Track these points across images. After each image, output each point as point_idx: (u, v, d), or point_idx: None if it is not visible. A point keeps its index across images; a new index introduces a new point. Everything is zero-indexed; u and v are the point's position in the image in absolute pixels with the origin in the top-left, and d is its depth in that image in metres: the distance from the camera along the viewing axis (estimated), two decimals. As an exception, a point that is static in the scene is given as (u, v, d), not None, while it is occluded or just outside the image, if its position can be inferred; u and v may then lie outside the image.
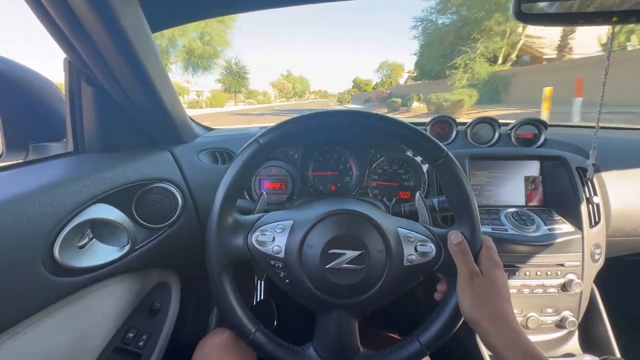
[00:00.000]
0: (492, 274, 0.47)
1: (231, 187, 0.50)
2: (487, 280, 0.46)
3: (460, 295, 0.47)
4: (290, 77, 75.58)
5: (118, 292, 0.63)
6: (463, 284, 0.47)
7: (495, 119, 1.00)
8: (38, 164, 0.62)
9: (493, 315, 0.44)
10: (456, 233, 0.49)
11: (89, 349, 0.58)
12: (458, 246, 0.48)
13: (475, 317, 0.45)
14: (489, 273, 0.47)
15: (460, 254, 0.47)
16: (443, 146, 0.49)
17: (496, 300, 0.45)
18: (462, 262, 0.47)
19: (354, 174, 0.90)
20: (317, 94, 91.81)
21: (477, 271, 0.47)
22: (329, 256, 0.47)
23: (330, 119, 0.51)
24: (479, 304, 0.45)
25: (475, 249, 0.49)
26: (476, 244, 0.49)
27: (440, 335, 0.48)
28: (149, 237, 0.66)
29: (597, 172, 0.86)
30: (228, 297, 0.50)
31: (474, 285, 0.46)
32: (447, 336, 0.48)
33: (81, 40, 0.54)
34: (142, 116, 0.72)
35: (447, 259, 0.49)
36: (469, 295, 0.46)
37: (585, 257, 0.80)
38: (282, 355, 0.49)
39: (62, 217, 0.49)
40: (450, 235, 0.49)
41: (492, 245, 0.50)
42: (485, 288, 0.46)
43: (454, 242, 0.48)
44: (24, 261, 0.43)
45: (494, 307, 0.45)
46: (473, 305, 0.45)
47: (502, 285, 0.46)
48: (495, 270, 0.47)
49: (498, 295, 0.45)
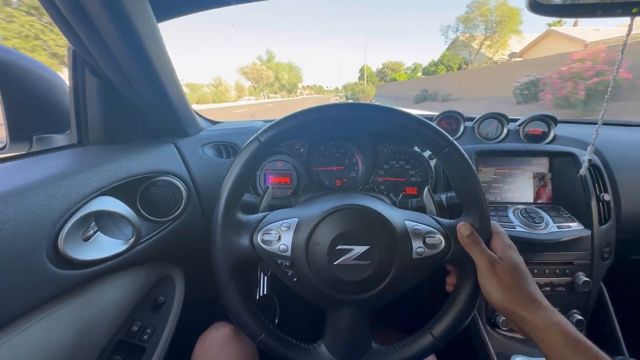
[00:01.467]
0: (509, 257, 0.45)
1: (234, 187, 0.49)
2: (507, 265, 0.45)
3: (487, 286, 0.45)
4: (272, 62, 56.67)
5: (122, 285, 0.62)
6: (486, 274, 0.45)
7: (504, 115, 0.99)
8: (42, 155, 0.61)
9: (525, 300, 0.43)
10: (465, 225, 0.47)
11: (94, 342, 0.58)
12: (469, 238, 0.46)
13: (508, 306, 0.43)
14: (507, 257, 0.45)
15: (473, 245, 0.46)
16: (448, 135, 0.48)
17: (523, 284, 0.44)
18: (477, 253, 0.46)
19: (359, 169, 0.89)
20: (311, 89, 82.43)
21: (496, 257, 0.45)
22: (336, 252, 0.46)
23: (330, 112, 0.50)
24: (508, 291, 0.44)
25: (487, 238, 0.48)
26: (487, 233, 0.48)
27: (453, 327, 0.47)
28: (153, 231, 0.66)
29: (607, 169, 0.85)
30: (236, 300, 0.49)
31: (497, 273, 0.44)
32: (459, 328, 0.47)
33: (85, 29, 0.53)
34: (146, 108, 0.71)
35: (457, 250, 0.48)
36: (496, 284, 0.44)
37: (594, 256, 0.79)
38: (293, 355, 0.48)
39: (67, 209, 0.48)
40: (459, 228, 0.47)
41: (501, 230, 0.49)
42: (509, 273, 0.44)
43: (465, 234, 0.47)
44: (28, 253, 0.43)
45: (522, 291, 0.43)
46: (503, 294, 0.44)
47: (522, 267, 0.45)
48: (512, 252, 0.46)
49: (523, 278, 0.44)
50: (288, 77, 62.00)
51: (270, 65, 57.83)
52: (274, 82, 56.88)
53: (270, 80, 53.22)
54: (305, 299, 0.50)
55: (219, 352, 0.59)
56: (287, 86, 59.65)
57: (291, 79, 63.09)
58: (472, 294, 0.47)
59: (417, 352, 0.48)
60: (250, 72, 52.13)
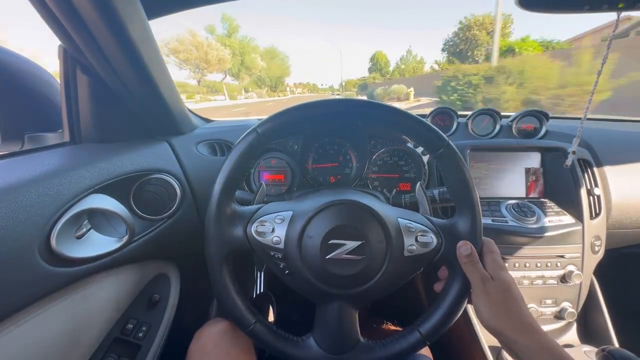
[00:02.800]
0: (501, 277, 0.46)
1: (230, 176, 0.49)
2: (498, 285, 0.45)
3: (478, 304, 0.46)
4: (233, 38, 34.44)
5: (117, 283, 0.62)
6: (477, 292, 0.46)
7: (497, 111, 1.00)
8: (34, 153, 0.61)
9: (515, 322, 0.43)
10: (465, 244, 0.48)
11: (88, 340, 0.58)
12: (468, 257, 0.47)
13: (497, 327, 0.44)
14: (498, 277, 0.46)
15: (470, 265, 0.47)
16: (444, 135, 0.49)
17: (513, 305, 0.44)
18: (472, 271, 0.46)
19: (354, 166, 0.89)
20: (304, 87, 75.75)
21: (488, 276, 0.46)
22: (329, 247, 0.47)
23: (330, 107, 0.50)
24: (498, 310, 0.44)
25: (477, 241, 0.48)
26: (477, 235, 0.49)
27: (440, 325, 0.48)
28: (147, 229, 0.66)
29: (597, 163, 0.86)
30: (227, 288, 0.50)
31: (488, 291, 0.45)
32: (447, 326, 0.48)
33: (75, 27, 0.52)
34: (139, 106, 0.71)
35: (448, 250, 0.49)
36: (486, 302, 0.45)
37: (585, 249, 0.80)
38: (282, 346, 0.49)
39: (59, 207, 0.48)
40: (459, 247, 0.48)
41: (495, 249, 0.49)
42: (499, 293, 0.44)
43: (464, 254, 0.47)
44: (19, 251, 0.43)
45: (512, 312, 0.43)
46: (493, 313, 0.44)
47: (514, 288, 0.45)
48: (503, 273, 0.46)
49: (514, 299, 0.44)
50: (268, 66, 41.06)
51: (231, 43, 34.04)
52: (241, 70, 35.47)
53: (226, 65, 29.87)
54: (296, 292, 0.51)
55: (215, 348, 0.59)
56: (269, 81, 41.48)
57: (273, 70, 41.43)
58: (461, 294, 0.48)
59: (404, 349, 0.48)
60: (183, 51, 26.65)
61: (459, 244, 0.48)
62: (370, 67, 59.97)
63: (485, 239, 0.50)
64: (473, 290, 0.47)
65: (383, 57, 57.76)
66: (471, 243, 0.48)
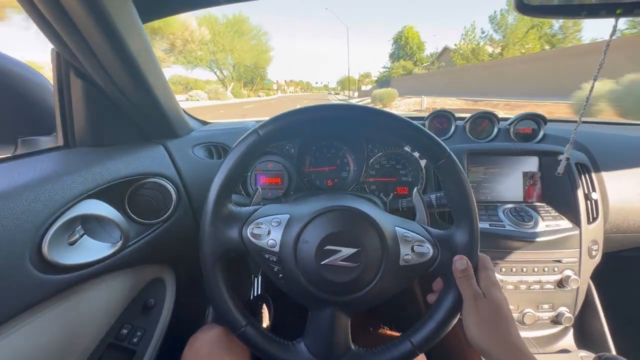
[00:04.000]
0: (493, 295, 0.46)
1: (228, 177, 0.49)
2: (489, 302, 0.45)
3: (467, 320, 0.46)
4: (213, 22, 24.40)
5: (111, 288, 0.62)
6: (467, 308, 0.46)
7: (494, 114, 0.99)
8: (27, 158, 0.60)
9: (502, 342, 0.43)
10: (462, 259, 0.48)
11: (82, 346, 0.57)
12: (463, 272, 0.47)
13: (484, 345, 0.44)
14: (490, 294, 0.46)
15: (464, 280, 0.47)
16: (446, 147, 0.49)
17: (502, 325, 0.44)
18: (465, 287, 0.47)
19: (351, 169, 0.89)
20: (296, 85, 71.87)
21: (480, 293, 0.46)
22: (324, 252, 0.46)
23: (332, 112, 0.50)
24: (486, 329, 0.44)
25: (473, 256, 0.48)
26: (474, 250, 0.49)
27: (432, 336, 0.47)
28: (142, 233, 0.65)
29: (595, 167, 0.86)
30: (220, 289, 0.49)
31: (479, 309, 0.45)
32: (439, 337, 0.48)
33: (67, 31, 0.52)
34: (133, 109, 0.70)
35: (444, 261, 0.49)
36: (475, 319, 0.45)
37: (582, 254, 0.80)
38: (272, 350, 0.49)
39: (51, 214, 0.48)
40: (455, 262, 0.48)
41: (490, 266, 0.49)
42: (490, 311, 0.45)
43: (460, 269, 0.47)
44: (9, 259, 0.42)
45: (501, 333, 0.43)
46: (481, 331, 0.44)
47: (505, 307, 0.45)
48: (496, 291, 0.46)
49: (503, 319, 0.44)
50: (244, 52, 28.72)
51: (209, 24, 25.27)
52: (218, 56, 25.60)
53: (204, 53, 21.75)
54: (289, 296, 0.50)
55: (209, 355, 0.59)
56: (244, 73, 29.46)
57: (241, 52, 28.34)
58: (454, 306, 0.48)
59: (395, 358, 0.48)
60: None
61: (455, 258, 0.48)
62: (393, 51, 42.93)
63: (481, 255, 0.50)
64: (464, 305, 0.47)
65: (415, 37, 39.82)
66: (467, 256, 0.48)
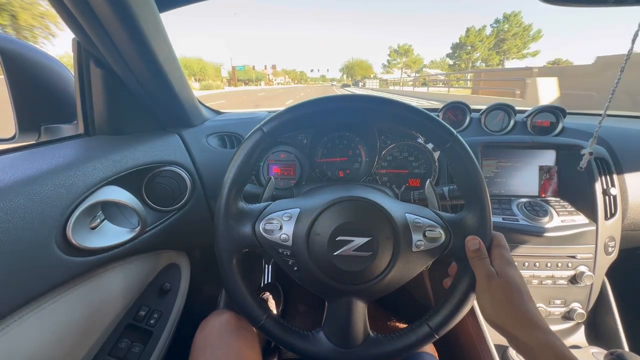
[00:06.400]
0: (507, 273, 0.45)
1: (236, 176, 0.49)
2: (503, 281, 0.44)
3: (481, 300, 0.46)
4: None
5: (130, 271, 0.64)
6: (481, 288, 0.46)
7: (511, 106, 0.97)
8: (50, 145, 0.63)
9: (517, 319, 0.42)
10: (474, 239, 0.47)
11: (103, 325, 0.60)
12: (476, 252, 0.47)
13: (498, 323, 0.43)
14: (504, 273, 0.45)
15: (477, 260, 0.46)
16: (451, 129, 0.48)
17: (518, 302, 0.43)
18: (479, 267, 0.46)
19: (363, 161, 0.89)
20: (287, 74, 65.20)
21: (493, 272, 0.45)
22: (336, 243, 0.47)
23: (334, 103, 0.50)
24: (500, 307, 0.43)
25: (485, 237, 0.48)
26: (486, 230, 0.48)
27: (449, 319, 0.48)
28: (158, 220, 0.67)
29: (615, 162, 0.83)
30: (238, 285, 0.51)
31: (492, 288, 0.44)
32: (456, 320, 0.48)
33: (88, 21, 0.53)
34: (150, 99, 0.72)
35: (457, 245, 0.49)
36: (489, 299, 0.44)
37: (598, 250, 0.78)
38: (292, 341, 0.50)
39: (74, 199, 0.50)
40: (467, 242, 0.48)
41: (504, 244, 0.48)
42: (503, 290, 0.44)
43: (472, 249, 0.47)
44: (37, 241, 0.44)
45: (517, 311, 0.42)
46: (495, 310, 0.44)
47: (520, 284, 0.44)
48: (510, 269, 0.45)
49: (518, 296, 0.43)
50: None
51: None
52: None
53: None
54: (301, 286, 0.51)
55: (219, 339, 0.61)
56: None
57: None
58: (469, 288, 0.48)
59: (414, 343, 0.48)
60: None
61: (467, 238, 0.48)
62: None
63: (495, 233, 0.49)
64: (477, 286, 0.46)
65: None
66: (480, 238, 0.47)
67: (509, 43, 43.59)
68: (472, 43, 46.45)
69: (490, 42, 45.16)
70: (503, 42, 44.16)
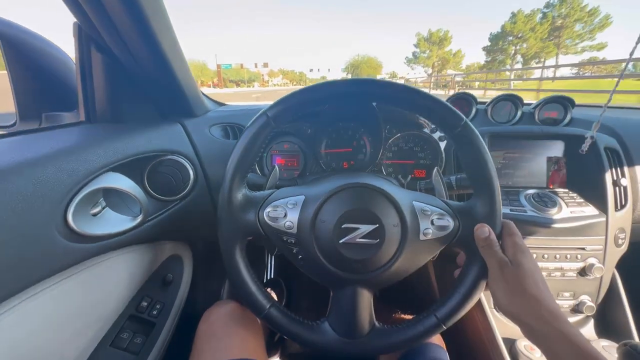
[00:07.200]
0: (521, 261, 0.43)
1: (240, 162, 0.48)
2: (517, 269, 0.43)
3: (494, 290, 0.44)
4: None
5: (132, 261, 0.63)
6: (494, 278, 0.44)
7: (519, 97, 0.95)
8: (50, 131, 0.62)
9: (533, 307, 0.41)
10: (483, 227, 0.46)
11: (104, 315, 0.59)
12: (485, 240, 0.45)
13: (513, 312, 0.42)
14: (518, 261, 0.44)
15: (487, 248, 0.45)
16: (462, 114, 0.47)
17: (532, 290, 0.41)
18: (489, 255, 0.45)
19: (368, 151, 0.87)
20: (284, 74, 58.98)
21: (506, 261, 0.44)
22: (342, 231, 0.46)
23: (340, 88, 0.48)
24: (514, 296, 0.42)
25: (495, 225, 0.47)
26: (496, 218, 0.47)
27: (457, 309, 0.46)
28: (161, 209, 0.66)
29: (626, 153, 0.82)
30: (241, 274, 0.50)
31: (505, 277, 0.43)
32: (464, 311, 0.47)
33: (90, 3, 0.52)
34: (153, 87, 0.70)
35: (465, 233, 0.47)
36: (502, 288, 0.43)
37: (608, 242, 0.77)
38: (297, 330, 0.49)
39: (75, 183, 0.49)
40: (477, 230, 0.46)
41: (515, 231, 0.47)
42: (518, 278, 0.42)
43: (482, 237, 0.45)
44: (38, 225, 0.43)
45: (532, 299, 0.41)
46: (509, 300, 0.42)
47: (535, 272, 0.43)
48: (524, 256, 0.44)
49: (533, 284, 0.42)
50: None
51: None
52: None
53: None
54: (310, 278, 0.50)
55: (223, 328, 0.60)
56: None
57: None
58: (478, 278, 0.47)
59: (421, 333, 0.47)
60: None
61: (477, 226, 0.47)
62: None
63: (505, 220, 0.48)
64: (490, 275, 0.45)
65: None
66: (489, 225, 0.46)
67: (568, 31, 30.64)
68: (519, 32, 33.36)
69: (544, 31, 32.02)
70: (559, 31, 30.90)
